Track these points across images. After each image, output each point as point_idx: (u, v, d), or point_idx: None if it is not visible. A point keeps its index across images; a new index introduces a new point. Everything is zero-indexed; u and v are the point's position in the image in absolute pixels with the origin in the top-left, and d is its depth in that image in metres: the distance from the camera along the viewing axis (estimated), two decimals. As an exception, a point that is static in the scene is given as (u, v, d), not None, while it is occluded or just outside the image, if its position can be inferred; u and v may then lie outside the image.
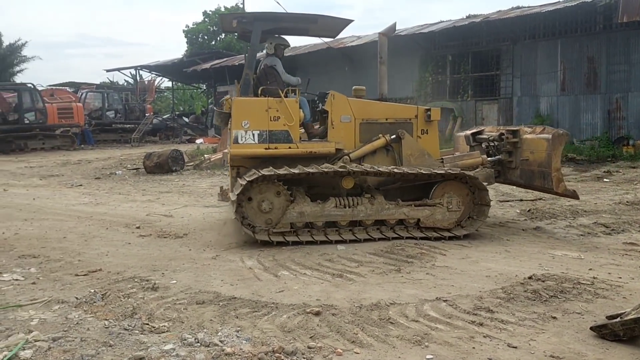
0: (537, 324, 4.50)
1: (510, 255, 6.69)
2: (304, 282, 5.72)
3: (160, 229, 8.43)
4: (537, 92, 19.92)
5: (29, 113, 25.03)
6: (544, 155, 7.54)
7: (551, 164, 7.42)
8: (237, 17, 8.07)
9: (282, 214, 7.18)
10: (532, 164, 7.78)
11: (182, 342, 4.14)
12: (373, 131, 7.98)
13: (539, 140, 7.68)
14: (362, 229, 7.44)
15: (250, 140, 7.44)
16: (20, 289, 5.59)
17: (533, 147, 7.77)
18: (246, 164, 7.73)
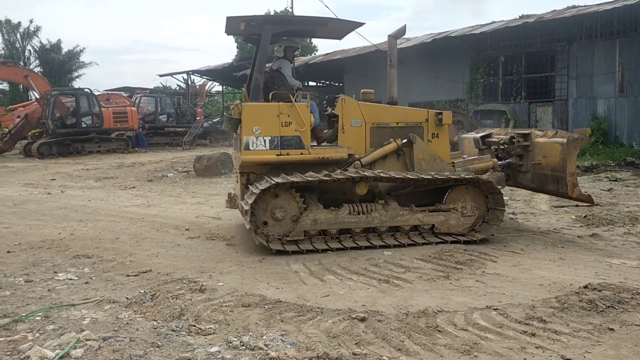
0: (593, 336, 4.31)
1: (565, 263, 6.45)
2: (350, 287, 5.67)
3: (208, 231, 8.54)
4: (594, 93, 19.26)
5: (86, 117, 25.86)
6: (558, 160, 7.49)
7: (566, 168, 7.36)
8: (246, 20, 7.70)
9: (295, 222, 7.04)
10: (545, 168, 7.73)
11: (227, 344, 4.15)
12: (383, 135, 7.82)
13: (552, 144, 7.61)
14: (375, 235, 7.35)
15: (262, 147, 7.24)
16: (73, 289, 5.75)
17: (546, 151, 7.73)
18: (256, 170, 7.52)
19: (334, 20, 8.11)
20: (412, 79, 25.03)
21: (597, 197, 10.73)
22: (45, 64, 51.65)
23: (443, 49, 22.93)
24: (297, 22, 8.16)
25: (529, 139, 8.04)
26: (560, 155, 7.42)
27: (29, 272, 6.35)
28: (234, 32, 8.32)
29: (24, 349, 4.08)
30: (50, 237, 8.28)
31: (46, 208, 11.11)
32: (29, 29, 52.71)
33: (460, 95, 23.61)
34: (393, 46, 8.49)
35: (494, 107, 22.29)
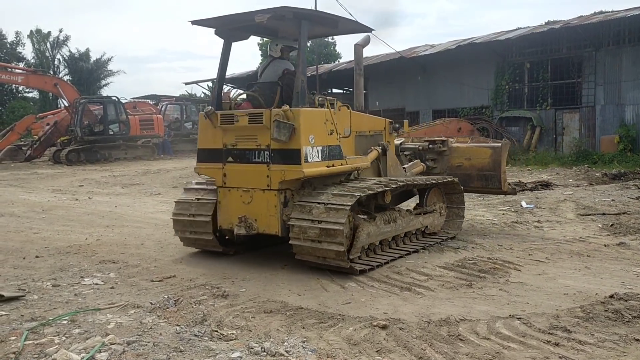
0: (619, 346, 4.23)
1: (591, 273, 6.35)
2: (371, 294, 5.66)
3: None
4: (622, 100, 18.96)
5: (113, 124, 26.30)
6: (489, 161, 8.73)
7: (500, 167, 8.65)
8: (281, 11, 6.46)
9: (352, 238, 6.43)
10: (469, 169, 8.85)
11: (249, 350, 4.19)
12: (362, 143, 7.68)
13: (480, 148, 9.05)
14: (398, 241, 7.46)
15: (316, 158, 6.49)
16: (99, 293, 5.85)
17: (470, 155, 8.93)
18: (292, 185, 6.61)
19: (345, 20, 7.44)
20: (436, 86, 24.96)
21: (625, 205, 10.55)
22: (74, 73, 52.76)
23: (468, 56, 22.81)
24: (327, 20, 7.13)
25: (446, 145, 9.19)
26: (492, 157, 8.70)
27: (56, 276, 6.48)
28: (254, 24, 6.70)
29: (51, 352, 4.17)
30: (78, 242, 8.44)
31: (74, 214, 11.32)
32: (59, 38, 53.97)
33: (486, 102, 23.44)
34: (360, 55, 8.30)
35: (519, 114, 22.08)
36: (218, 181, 6.90)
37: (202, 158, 7.06)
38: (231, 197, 6.80)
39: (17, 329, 4.70)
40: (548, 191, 12.63)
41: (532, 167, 17.87)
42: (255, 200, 6.61)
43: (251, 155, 6.59)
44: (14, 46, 51.43)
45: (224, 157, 6.80)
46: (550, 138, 21.10)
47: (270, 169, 6.44)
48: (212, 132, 6.84)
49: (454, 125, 21.11)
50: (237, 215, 6.64)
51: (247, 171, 6.63)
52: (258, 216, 6.58)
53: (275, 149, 6.39)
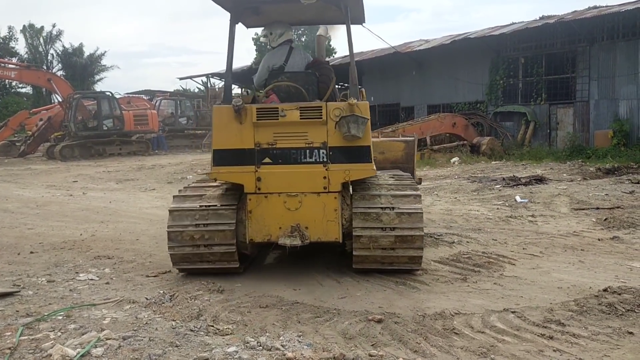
0: (612, 339, 4.27)
1: (585, 266, 6.39)
2: (367, 288, 5.68)
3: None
4: (616, 95, 19.02)
5: (107, 120, 26.24)
6: (402, 154, 8.53)
7: (413, 160, 8.60)
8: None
9: None
10: (383, 162, 8.39)
11: (244, 345, 4.19)
12: None
13: (394, 143, 8.87)
14: None
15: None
16: (94, 289, 5.85)
17: (384, 149, 8.58)
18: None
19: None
20: (431, 81, 24.99)
21: (619, 199, 10.60)
22: (67, 68, 52.53)
23: (462, 51, 22.83)
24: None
25: None
26: (405, 150, 8.57)
27: (51, 272, 6.47)
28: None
29: (47, 347, 4.17)
30: (72, 238, 8.42)
31: (68, 209, 11.30)
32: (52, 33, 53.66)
33: (480, 97, 23.48)
34: (323, 46, 8.09)
35: (513, 109, 22.12)
36: (249, 187, 5.84)
37: (222, 161, 5.85)
38: (269, 204, 5.83)
39: (12, 325, 4.69)
40: (542, 186, 12.67)
41: (526, 161, 17.93)
42: (306, 205, 5.81)
43: (299, 155, 5.79)
44: (6, 41, 51.14)
45: (258, 158, 5.81)
46: (544, 133, 21.17)
47: (329, 169, 5.76)
48: (238, 129, 5.79)
49: (448, 120, 21.15)
50: (280, 225, 5.79)
51: (295, 173, 5.79)
52: (310, 223, 5.80)
53: (336, 147, 5.76)
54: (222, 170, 5.88)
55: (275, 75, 6.34)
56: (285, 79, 6.27)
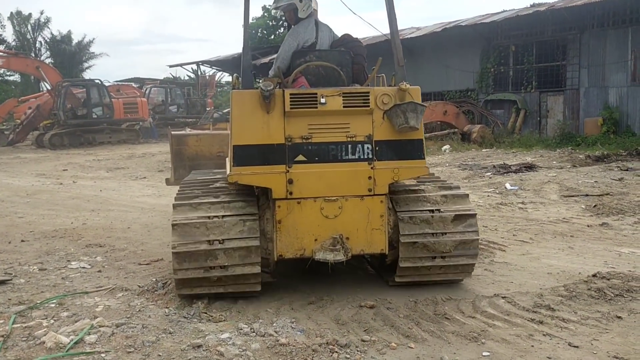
0: (601, 324, 4.33)
1: (574, 252, 6.46)
2: (359, 276, 5.71)
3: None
4: (606, 83, 19.09)
5: (97, 108, 26.02)
6: None
7: None
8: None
9: None
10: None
11: (238, 331, 4.22)
12: None
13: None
14: None
15: None
16: (87, 277, 5.85)
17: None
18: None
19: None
20: (422, 69, 24.94)
21: (608, 186, 10.69)
22: (56, 55, 52.02)
23: (454, 39, 22.78)
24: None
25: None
26: None
27: (42, 260, 6.46)
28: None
29: (40, 334, 4.18)
30: (63, 226, 8.40)
31: (58, 198, 11.24)
32: (40, 20, 53.03)
33: (471, 85, 23.49)
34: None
35: (504, 97, 22.16)
36: (278, 191, 4.77)
37: (244, 160, 4.76)
38: (303, 212, 4.81)
39: (4, 313, 4.70)
40: (532, 173, 12.75)
41: (517, 149, 18.01)
42: (347, 212, 4.85)
43: (339, 150, 4.83)
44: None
45: (290, 156, 4.78)
46: (535, 121, 21.24)
47: (375, 168, 4.85)
48: (265, 120, 4.74)
49: (439, 108, 21.15)
50: (316, 236, 4.82)
51: (334, 174, 4.82)
52: (352, 233, 4.86)
53: (383, 141, 4.87)
54: (245, 171, 4.74)
55: (303, 55, 5.31)
56: (314, 58, 5.27)
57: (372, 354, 3.88)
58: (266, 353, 3.88)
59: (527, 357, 3.81)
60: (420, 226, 4.98)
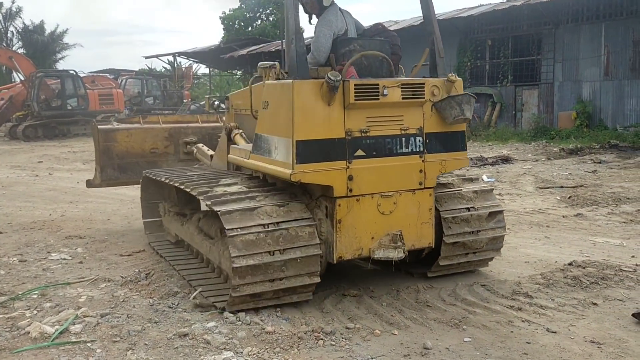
0: (577, 310, 4.47)
1: (550, 242, 6.62)
2: (343, 267, 5.77)
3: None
4: (580, 77, 19.43)
5: (72, 99, 25.60)
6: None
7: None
8: None
9: None
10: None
11: (224, 320, 4.26)
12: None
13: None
14: None
15: None
16: (68, 268, 5.82)
17: None
18: None
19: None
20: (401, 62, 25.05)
21: (582, 178, 10.94)
22: (28, 46, 50.89)
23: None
24: None
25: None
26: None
27: (22, 252, 6.40)
28: None
29: (23, 325, 4.16)
30: (41, 218, 8.31)
31: (35, 190, 11.10)
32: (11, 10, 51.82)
33: (448, 78, 23.67)
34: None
35: (480, 91, 22.40)
36: (339, 189, 4.47)
37: (307, 156, 4.37)
38: (362, 209, 4.59)
39: (-14, 304, 4.66)
40: (508, 165, 12.97)
41: (493, 142, 18.27)
42: (401, 206, 4.72)
43: (395, 144, 4.67)
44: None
45: (350, 151, 4.51)
46: (510, 114, 21.52)
47: (426, 161, 4.77)
48: (326, 112, 4.42)
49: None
50: (373, 234, 4.65)
51: (390, 168, 4.65)
52: (404, 228, 4.73)
53: (432, 133, 4.79)
54: (308, 168, 4.37)
55: (347, 43, 5.00)
56: (358, 47, 4.96)
57: (356, 341, 3.96)
58: (252, 341, 3.93)
59: (507, 343, 3.92)
60: (460, 225, 5.05)
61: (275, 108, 4.65)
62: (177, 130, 7.61)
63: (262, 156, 4.81)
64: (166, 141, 7.54)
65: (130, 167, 7.37)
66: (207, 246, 5.32)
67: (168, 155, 7.56)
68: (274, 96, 4.69)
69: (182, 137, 7.58)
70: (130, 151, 7.36)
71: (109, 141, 7.32)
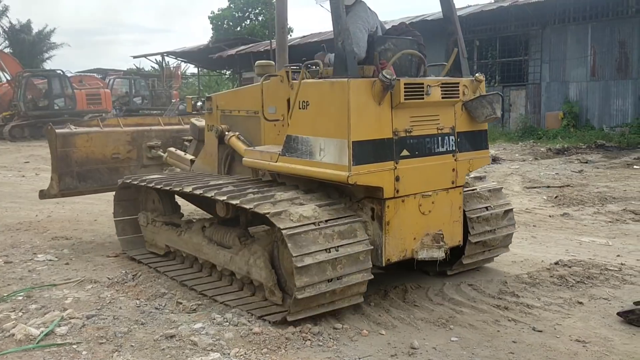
0: (563, 309, 4.50)
1: (537, 241, 6.66)
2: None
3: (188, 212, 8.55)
4: (566, 77, 19.57)
5: (59, 99, 25.40)
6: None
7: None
8: None
9: None
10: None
11: (211, 321, 4.25)
12: None
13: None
14: None
15: None
16: (54, 269, 5.77)
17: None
18: None
19: None
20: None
21: (568, 178, 11.03)
22: (15, 45, 50.43)
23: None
24: None
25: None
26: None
27: (7, 253, 6.34)
28: None
29: (8, 327, 4.13)
30: (28, 219, 8.24)
31: (21, 191, 11.00)
32: (-2, 9, 51.33)
33: (436, 78, 23.76)
34: (283, 7, 7.39)
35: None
36: (388, 190, 4.43)
37: (363, 157, 4.27)
38: (406, 210, 4.56)
39: (-30, 306, 4.61)
40: (496, 165, 13.04)
41: (481, 142, 18.34)
42: (438, 205, 4.75)
43: (432, 143, 4.69)
44: (-52, 16, 48.77)
45: (397, 150, 4.47)
46: (498, 114, 21.64)
47: (457, 160, 4.84)
48: (377, 112, 4.33)
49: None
50: (414, 234, 4.62)
51: (429, 167, 4.67)
52: (439, 227, 4.75)
53: (462, 132, 4.87)
54: (364, 170, 4.26)
55: (383, 41, 4.91)
56: (392, 45, 4.91)
57: (344, 341, 3.96)
58: (240, 342, 3.92)
59: (494, 342, 3.94)
60: (482, 224, 5.15)
61: (320, 108, 4.44)
62: (140, 134, 7.17)
63: (299, 158, 4.55)
64: (129, 145, 7.07)
65: (91, 174, 6.83)
66: (226, 256, 4.95)
67: (130, 161, 7.11)
68: (318, 95, 4.46)
69: (145, 141, 7.15)
70: (91, 157, 6.81)
71: (67, 146, 6.72)
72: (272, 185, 4.95)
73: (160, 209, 6.17)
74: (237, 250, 4.85)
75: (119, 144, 7.01)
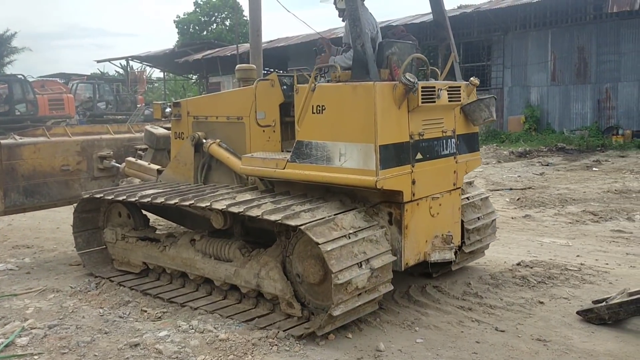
0: (525, 309, 4.60)
1: (499, 243, 6.78)
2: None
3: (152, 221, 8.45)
4: (528, 82, 20.03)
5: (20, 104, 24.82)
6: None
7: None
8: None
9: None
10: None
11: (176, 329, 4.21)
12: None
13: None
14: None
15: None
16: (14, 279, 5.64)
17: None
18: None
19: None
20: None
21: (530, 180, 11.27)
22: (-27, 49, 49.13)
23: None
24: None
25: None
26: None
27: (-35, 263, 6.17)
28: None
29: (-34, 339, 4.02)
30: (-13, 228, 8.03)
31: (-20, 199, 10.70)
32: (-46, 12, 49.91)
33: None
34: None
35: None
36: (407, 194, 4.38)
37: (388, 161, 4.20)
38: (420, 212, 4.56)
39: None
40: (461, 169, 13.22)
41: (446, 146, 18.61)
42: (444, 207, 4.80)
43: (440, 146, 4.73)
44: None
45: (413, 154, 4.44)
46: (463, 118, 22.00)
47: (458, 162, 4.93)
48: (397, 116, 4.29)
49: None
50: (426, 237, 4.63)
51: (437, 170, 4.70)
52: (447, 228, 4.84)
53: (461, 135, 4.96)
54: (389, 174, 4.18)
55: (389, 46, 4.86)
56: (397, 50, 4.87)
57: (310, 346, 3.97)
58: (206, 349, 3.90)
59: (458, 342, 4.01)
60: (475, 235, 5.38)
61: (339, 112, 4.28)
62: (90, 143, 6.69)
63: (313, 164, 4.36)
64: (78, 156, 6.57)
65: (38, 189, 6.31)
66: (229, 270, 4.69)
67: (80, 173, 6.61)
68: (338, 99, 4.30)
69: (96, 151, 6.70)
70: (38, 170, 6.26)
71: (13, 159, 6.10)
72: (283, 195, 4.71)
73: (130, 224, 5.81)
74: (241, 262, 4.62)
75: (68, 154, 6.52)
